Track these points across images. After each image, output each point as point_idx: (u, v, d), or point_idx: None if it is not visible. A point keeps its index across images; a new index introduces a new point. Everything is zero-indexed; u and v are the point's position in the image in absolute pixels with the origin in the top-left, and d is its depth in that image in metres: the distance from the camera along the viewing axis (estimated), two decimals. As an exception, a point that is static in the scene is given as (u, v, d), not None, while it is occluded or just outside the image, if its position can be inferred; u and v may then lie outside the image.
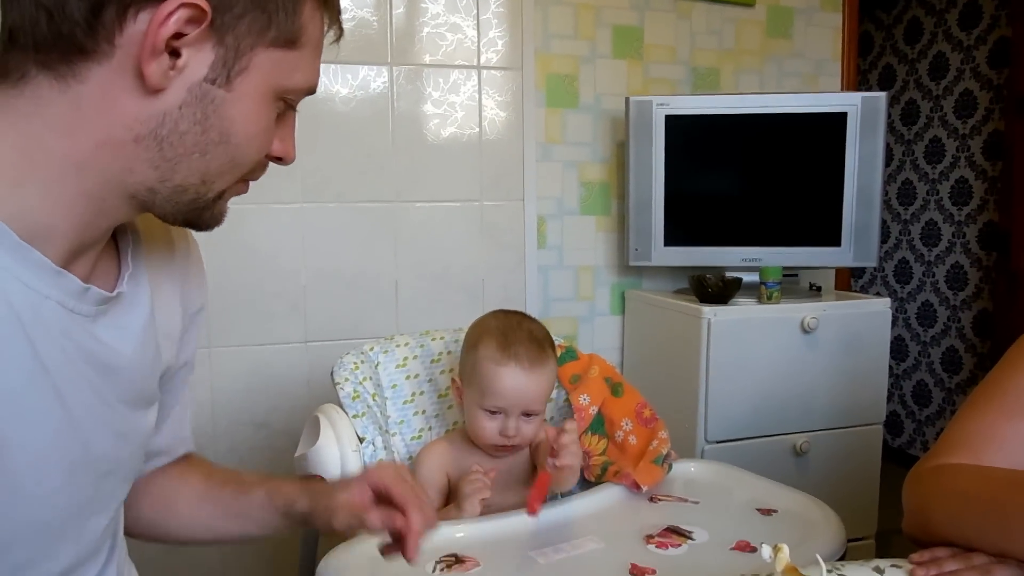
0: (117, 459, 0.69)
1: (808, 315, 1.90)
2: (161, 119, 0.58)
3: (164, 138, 0.58)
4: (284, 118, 0.66)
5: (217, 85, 0.58)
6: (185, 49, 0.56)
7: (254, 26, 0.58)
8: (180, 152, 0.59)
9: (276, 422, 1.92)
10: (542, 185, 2.14)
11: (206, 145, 0.60)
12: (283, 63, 0.61)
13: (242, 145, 0.62)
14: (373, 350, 1.28)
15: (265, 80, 0.61)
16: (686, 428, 1.89)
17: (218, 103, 0.59)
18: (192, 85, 0.58)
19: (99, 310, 0.63)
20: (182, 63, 0.57)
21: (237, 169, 0.63)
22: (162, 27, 0.54)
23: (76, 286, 0.60)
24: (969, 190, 2.91)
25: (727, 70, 2.29)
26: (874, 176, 2.00)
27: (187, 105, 0.58)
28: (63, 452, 0.62)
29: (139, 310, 0.69)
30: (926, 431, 3.11)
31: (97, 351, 0.63)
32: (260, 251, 1.88)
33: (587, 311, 2.23)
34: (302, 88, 0.65)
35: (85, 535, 0.67)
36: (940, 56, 3.02)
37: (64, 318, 0.60)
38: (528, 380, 1.09)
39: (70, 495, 0.63)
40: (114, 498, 0.71)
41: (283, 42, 0.60)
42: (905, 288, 3.21)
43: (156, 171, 0.60)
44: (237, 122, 0.60)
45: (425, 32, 1.98)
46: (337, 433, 1.11)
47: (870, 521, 2.05)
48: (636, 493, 1.12)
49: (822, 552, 0.75)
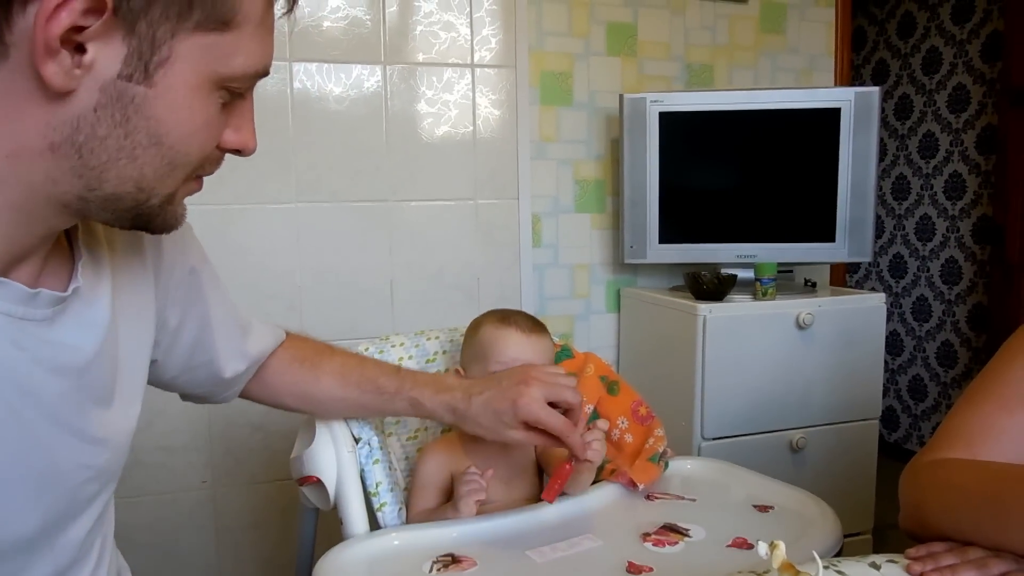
0: (91, 466, 0.65)
1: (803, 311, 1.90)
2: (76, 124, 0.51)
3: (82, 145, 0.52)
4: (234, 106, 0.59)
5: (135, 81, 0.51)
6: (90, 44, 0.49)
7: (171, 10, 0.51)
8: (104, 159, 0.53)
9: (272, 424, 1.91)
10: (537, 183, 2.13)
11: (133, 149, 0.53)
12: (216, 48, 0.53)
13: (177, 145, 0.55)
14: (368, 350, 1.28)
15: (194, 70, 0.53)
16: (682, 425, 1.89)
17: (139, 102, 0.52)
18: (105, 84, 0.51)
19: (55, 311, 0.59)
20: (88, 60, 0.49)
21: (179, 170, 0.57)
22: (52, 21, 0.47)
23: (21, 293, 0.55)
24: (963, 184, 2.91)
25: (721, 66, 2.29)
26: (868, 171, 2.00)
27: (103, 107, 0.51)
28: (25, 469, 0.58)
29: (101, 300, 0.64)
30: (922, 426, 3.11)
31: (58, 355, 0.59)
32: (255, 251, 1.87)
33: (583, 309, 2.23)
34: (247, 73, 0.56)
35: (63, 546, 0.65)
36: (933, 50, 3.02)
37: (11, 328, 0.55)
38: (529, 342, 1.13)
39: (43, 510, 0.60)
40: (95, 504, 0.68)
41: (212, 24, 0.52)
42: (900, 283, 3.21)
43: (81, 180, 0.53)
44: (167, 120, 0.53)
45: (418, 30, 1.97)
46: (332, 434, 1.11)
47: (867, 516, 2.06)
48: (632, 491, 1.12)
49: (819, 548, 0.75)
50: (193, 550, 1.88)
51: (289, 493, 1.90)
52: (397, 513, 1.12)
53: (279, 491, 1.92)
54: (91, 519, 0.68)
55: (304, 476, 1.09)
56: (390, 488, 1.13)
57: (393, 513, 1.12)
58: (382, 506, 1.11)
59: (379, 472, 1.13)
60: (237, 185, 1.79)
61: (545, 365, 1.06)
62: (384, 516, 1.11)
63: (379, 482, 1.12)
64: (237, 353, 0.91)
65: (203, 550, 1.89)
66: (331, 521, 1.12)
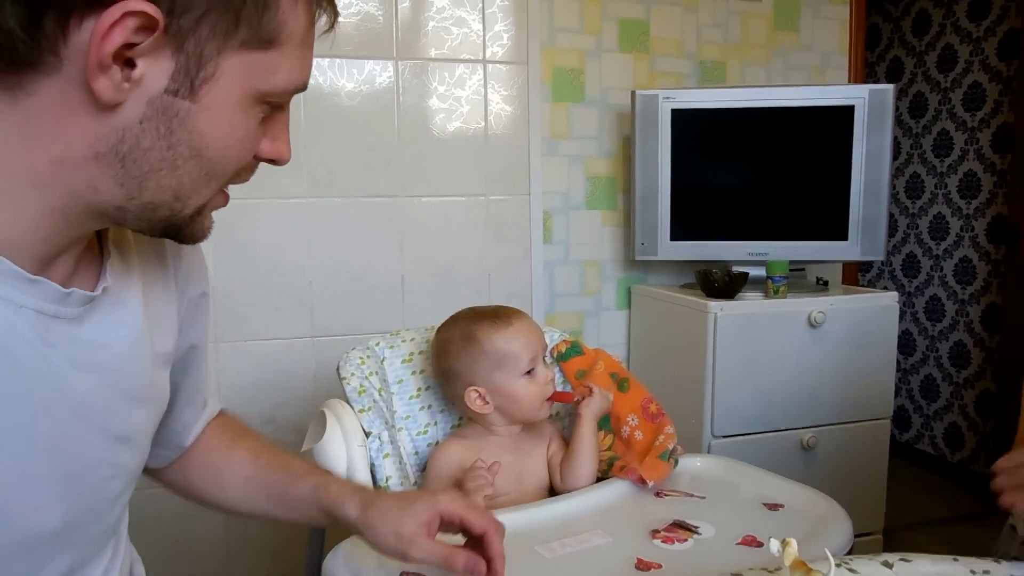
0: (116, 464, 0.66)
1: (815, 309, 1.90)
2: (121, 135, 0.53)
3: (126, 155, 0.54)
4: (271, 118, 0.60)
5: (181, 96, 0.53)
6: (140, 59, 0.51)
7: (218, 28, 0.52)
8: (146, 169, 0.54)
9: (282, 417, 1.92)
10: (548, 179, 2.13)
11: (174, 160, 0.55)
12: (259, 65, 0.55)
13: (216, 158, 0.57)
14: (379, 345, 1.28)
15: (238, 86, 0.55)
16: (692, 423, 1.88)
17: (183, 115, 0.54)
18: (152, 98, 0.52)
19: (85, 310, 0.60)
20: (138, 74, 0.51)
21: (214, 182, 0.59)
22: (106, 39, 0.49)
23: (54, 291, 0.57)
24: (978, 183, 2.89)
25: (734, 63, 2.28)
26: (882, 169, 1.99)
27: (148, 119, 0.53)
28: (52, 464, 0.59)
29: (132, 302, 0.66)
30: (934, 426, 3.09)
31: (86, 353, 0.60)
32: (266, 246, 1.88)
33: (593, 306, 2.23)
34: (287, 89, 0.58)
35: (84, 540, 0.66)
36: (948, 48, 3.00)
37: (43, 326, 0.56)
38: (529, 324, 1.18)
39: (66, 506, 0.61)
40: (117, 502, 0.69)
41: (256, 43, 0.54)
42: (913, 282, 3.19)
43: (122, 188, 0.55)
44: (208, 134, 0.55)
45: (430, 26, 1.97)
46: (343, 428, 1.11)
47: (877, 517, 2.05)
48: (642, 488, 1.12)
49: (830, 547, 0.74)
50: (204, 541, 1.89)
51: (299, 487, 1.90)
52: (407, 507, 1.13)
53: (289, 485, 1.92)
54: (113, 517, 0.70)
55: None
56: (400, 482, 1.14)
57: (403, 507, 1.12)
58: (392, 500, 1.11)
59: (389, 466, 1.13)
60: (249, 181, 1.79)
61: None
62: (394, 510, 1.11)
63: (389, 476, 1.13)
64: (197, 401, 0.86)
65: (214, 541, 1.90)
66: (341, 515, 1.12)
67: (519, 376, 1.13)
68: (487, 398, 1.15)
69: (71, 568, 0.65)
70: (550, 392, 1.16)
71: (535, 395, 1.14)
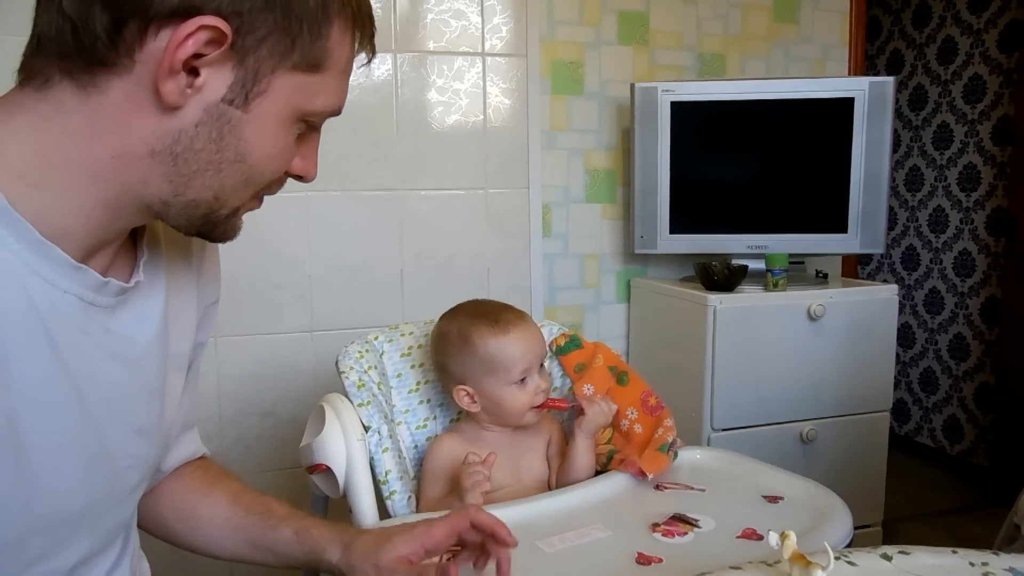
0: (135, 455, 0.69)
1: (815, 302, 1.89)
2: (177, 136, 0.58)
3: (179, 154, 0.58)
4: (306, 137, 0.66)
5: (235, 106, 0.58)
6: (204, 69, 0.56)
7: (276, 49, 0.58)
8: (194, 169, 0.59)
9: (282, 411, 1.92)
10: (547, 173, 2.13)
11: (220, 163, 0.60)
12: (305, 87, 0.61)
13: (257, 166, 0.62)
14: (378, 339, 1.28)
15: (285, 103, 0.60)
16: (692, 416, 1.89)
17: (234, 123, 0.59)
18: (209, 105, 0.57)
19: (118, 301, 0.64)
20: (200, 82, 0.56)
21: (251, 187, 0.64)
22: (180, 48, 0.54)
23: (95, 280, 0.60)
24: (977, 176, 2.88)
25: (733, 56, 2.27)
26: (881, 162, 1.99)
27: (203, 124, 0.58)
28: (80, 448, 0.62)
29: (157, 299, 0.69)
30: (933, 418, 3.10)
31: (117, 344, 0.64)
32: (265, 240, 1.87)
33: (593, 299, 2.23)
34: (325, 111, 0.64)
35: (100, 529, 0.68)
36: (949, 40, 2.99)
37: (82, 313, 0.60)
38: (529, 333, 1.15)
39: (88, 491, 0.64)
40: (133, 494, 0.72)
41: (306, 66, 0.60)
42: (912, 275, 3.19)
43: (170, 185, 0.60)
44: (253, 143, 0.60)
45: (429, 19, 1.97)
46: (342, 422, 1.11)
47: (876, 509, 2.05)
48: (642, 481, 1.12)
49: (829, 539, 0.75)
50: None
51: (298, 481, 1.90)
52: (406, 501, 1.13)
53: (288, 479, 1.92)
54: (129, 508, 0.72)
55: (314, 464, 1.09)
56: (399, 476, 1.14)
57: (402, 501, 1.12)
58: (392, 494, 1.12)
59: (389, 460, 1.13)
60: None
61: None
62: (394, 504, 1.12)
63: (388, 470, 1.12)
64: (182, 417, 0.85)
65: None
66: (340, 509, 1.13)
67: (509, 384, 1.12)
68: (475, 398, 1.14)
69: (86, 555, 0.67)
70: (539, 402, 1.14)
71: (522, 404, 1.13)
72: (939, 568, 0.76)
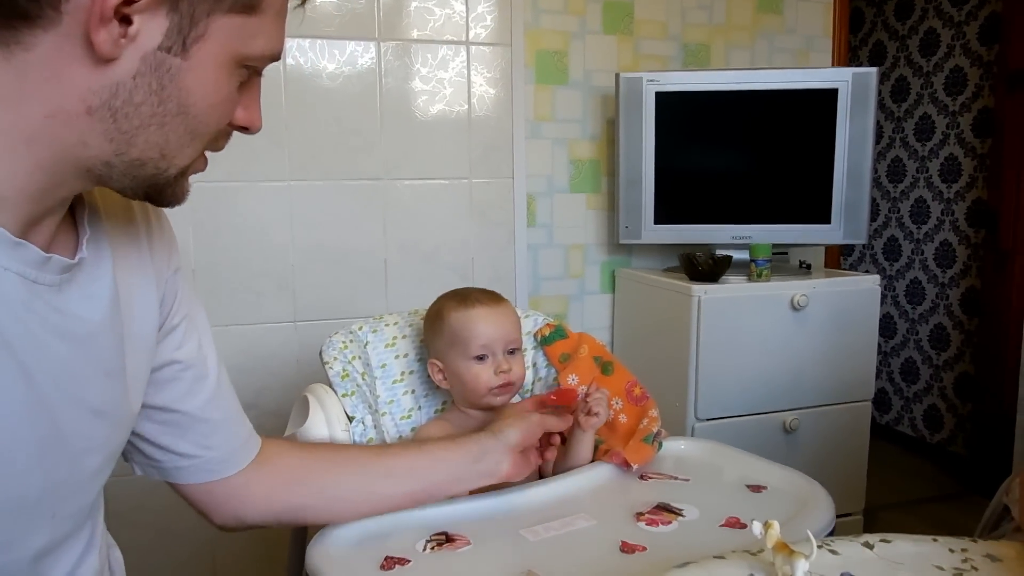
0: (92, 437, 0.67)
1: (798, 293, 1.90)
2: (115, 90, 0.55)
3: (118, 109, 0.56)
4: (247, 86, 0.63)
5: (172, 54, 0.56)
6: (137, 16, 0.53)
7: None
8: (136, 124, 0.57)
9: (265, 402, 1.91)
10: (531, 163, 2.12)
11: (164, 116, 0.57)
12: (243, 29, 0.59)
13: (201, 116, 0.59)
14: (362, 329, 1.27)
15: (224, 47, 0.58)
16: (676, 406, 1.89)
17: (174, 72, 0.56)
18: (146, 54, 0.55)
19: (63, 279, 0.61)
20: (134, 31, 0.54)
21: (198, 140, 0.61)
22: None
23: (37, 256, 0.58)
24: (958, 167, 2.91)
25: (718, 46, 2.28)
26: (864, 153, 2.00)
27: (141, 75, 0.55)
28: (31, 429, 0.60)
29: (104, 276, 0.67)
30: (913, 408, 3.13)
31: (64, 322, 0.62)
32: (248, 229, 1.86)
33: (577, 289, 2.23)
34: (264, 55, 0.62)
35: (62, 515, 0.66)
36: (931, 32, 3.00)
37: (25, 290, 0.58)
38: (497, 314, 1.16)
39: (43, 474, 0.62)
40: (95, 479, 0.70)
41: (241, 7, 0.58)
42: (894, 266, 3.22)
43: (111, 144, 0.57)
44: (195, 92, 0.58)
45: (413, 7, 1.95)
46: (326, 412, 1.11)
47: (858, 497, 2.07)
48: (626, 471, 1.12)
49: (812, 528, 0.75)
50: (186, 527, 1.87)
51: (282, 472, 1.90)
52: (391, 492, 1.12)
53: (272, 470, 1.91)
54: (91, 494, 0.70)
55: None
56: (384, 467, 1.13)
57: (387, 492, 1.12)
58: (376, 485, 1.11)
59: (373, 451, 1.12)
60: (230, 163, 1.77)
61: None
62: (378, 494, 1.11)
63: (373, 461, 1.12)
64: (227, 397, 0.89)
65: (196, 527, 1.89)
66: (325, 499, 1.12)
67: (468, 359, 1.14)
68: (445, 374, 1.17)
69: (50, 544, 0.65)
70: (497, 384, 1.14)
71: (482, 382, 1.13)
72: (920, 555, 0.77)
